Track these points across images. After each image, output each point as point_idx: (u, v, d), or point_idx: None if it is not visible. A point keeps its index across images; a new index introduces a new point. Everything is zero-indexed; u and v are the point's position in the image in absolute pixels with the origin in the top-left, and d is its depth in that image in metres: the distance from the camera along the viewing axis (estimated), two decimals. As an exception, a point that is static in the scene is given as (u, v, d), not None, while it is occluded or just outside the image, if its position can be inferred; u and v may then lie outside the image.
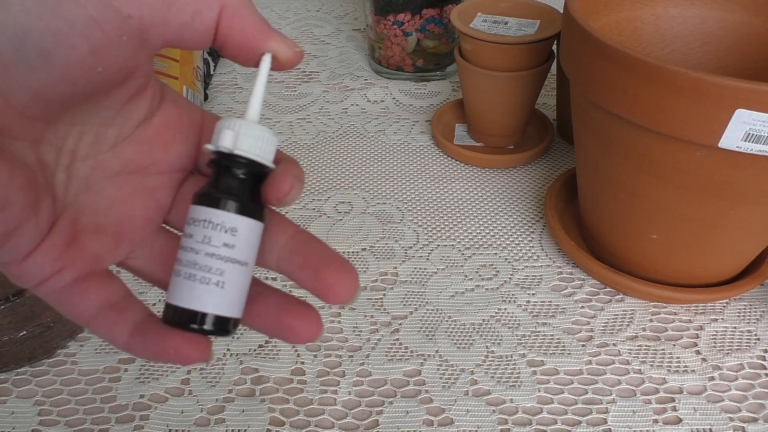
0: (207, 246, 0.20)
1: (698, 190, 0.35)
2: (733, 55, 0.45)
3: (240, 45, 0.21)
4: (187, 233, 0.21)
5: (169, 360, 0.21)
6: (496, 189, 0.55)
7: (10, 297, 0.36)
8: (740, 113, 0.30)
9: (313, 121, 0.64)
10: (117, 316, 0.22)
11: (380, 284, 0.45)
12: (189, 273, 0.21)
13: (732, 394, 0.38)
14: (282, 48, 0.21)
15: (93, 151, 0.21)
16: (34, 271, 0.20)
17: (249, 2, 0.21)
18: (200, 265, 0.20)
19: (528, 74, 0.52)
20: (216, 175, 0.21)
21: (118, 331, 0.21)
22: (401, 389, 0.38)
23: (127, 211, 0.22)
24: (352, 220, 0.51)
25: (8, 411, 0.37)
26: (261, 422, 0.36)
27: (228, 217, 0.21)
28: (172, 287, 0.21)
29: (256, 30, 0.21)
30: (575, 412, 0.37)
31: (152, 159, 0.23)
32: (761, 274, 0.42)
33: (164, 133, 0.23)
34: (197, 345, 0.21)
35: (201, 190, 0.22)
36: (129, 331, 0.21)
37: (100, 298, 0.21)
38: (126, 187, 0.22)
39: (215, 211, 0.21)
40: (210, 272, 0.20)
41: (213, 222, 0.21)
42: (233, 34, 0.20)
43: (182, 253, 0.21)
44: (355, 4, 0.89)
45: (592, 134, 0.39)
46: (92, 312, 0.21)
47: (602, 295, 0.44)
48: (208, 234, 0.21)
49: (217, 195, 0.21)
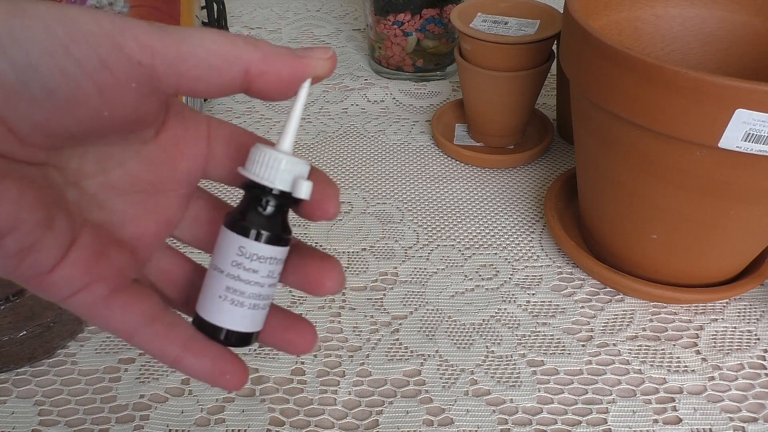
0: (270, 279, 0.22)
1: (698, 190, 0.35)
2: (733, 55, 0.45)
3: (278, 90, 0.20)
4: (247, 267, 0.22)
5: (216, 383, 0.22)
6: (496, 189, 0.55)
7: (10, 297, 0.36)
8: (740, 113, 0.30)
9: (313, 121, 0.64)
10: (167, 331, 0.22)
11: (380, 284, 0.45)
12: (254, 303, 0.22)
13: (732, 394, 0.38)
14: (320, 66, 0.21)
15: (100, 169, 0.21)
16: (62, 285, 0.20)
17: (273, 48, 0.20)
18: (263, 295, 0.22)
19: (528, 74, 0.52)
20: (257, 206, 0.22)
21: (171, 347, 0.22)
22: (401, 389, 0.38)
23: (140, 230, 0.22)
24: (352, 220, 0.51)
25: (8, 411, 0.37)
26: (261, 422, 0.36)
27: (284, 251, 0.22)
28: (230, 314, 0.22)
29: (292, 69, 0.20)
30: (575, 412, 0.37)
31: (161, 177, 0.23)
32: (761, 274, 0.42)
33: (171, 150, 0.23)
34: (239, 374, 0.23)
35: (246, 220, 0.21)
36: (181, 346, 0.22)
37: (143, 311, 0.21)
38: (138, 206, 0.22)
39: (281, 249, 0.22)
40: (268, 299, 0.23)
41: (277, 258, 0.22)
42: (268, 83, 0.20)
43: (243, 285, 0.22)
44: (355, 4, 0.89)
45: (592, 134, 0.39)
46: (135, 325, 0.21)
47: (602, 295, 0.44)
48: (273, 269, 0.22)
49: (285, 234, 0.22)
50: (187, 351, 0.22)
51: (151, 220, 0.23)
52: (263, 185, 0.21)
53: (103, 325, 0.21)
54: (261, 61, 0.19)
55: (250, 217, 0.21)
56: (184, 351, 0.22)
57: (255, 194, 0.21)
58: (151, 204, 0.23)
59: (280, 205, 0.22)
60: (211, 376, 0.22)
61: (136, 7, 0.59)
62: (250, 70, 0.19)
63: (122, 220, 0.22)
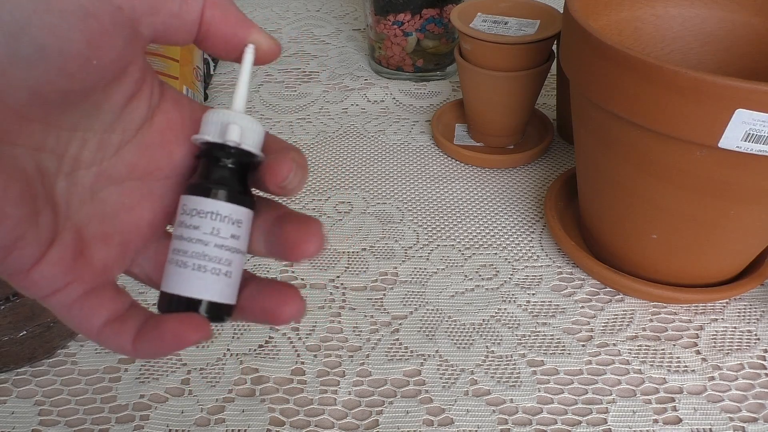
0: (216, 238, 0.21)
1: (698, 190, 0.35)
2: (733, 55, 0.45)
3: (222, 36, 0.21)
4: (188, 224, 0.21)
5: (170, 346, 0.21)
6: (496, 189, 0.55)
7: (10, 297, 0.36)
8: (740, 113, 0.30)
9: (313, 121, 0.64)
10: (121, 325, 0.21)
11: (380, 284, 0.45)
12: (198, 264, 0.21)
13: (732, 394, 0.38)
14: (264, 39, 0.22)
15: (97, 158, 0.21)
16: (42, 283, 0.20)
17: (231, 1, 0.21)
18: (210, 256, 0.21)
19: (528, 74, 0.52)
20: (211, 166, 0.22)
21: (124, 340, 0.21)
22: (401, 389, 0.38)
23: (134, 219, 0.22)
24: (352, 220, 0.51)
25: (8, 411, 0.37)
26: (261, 422, 0.36)
27: (235, 210, 0.21)
28: (174, 277, 0.21)
29: (238, 21, 0.21)
30: (575, 412, 0.37)
31: (157, 163, 0.22)
32: (761, 274, 0.42)
33: (167, 134, 0.23)
34: (193, 324, 0.20)
35: (196, 180, 0.22)
36: (132, 337, 0.21)
37: (110, 312, 0.21)
38: (133, 194, 0.22)
39: (223, 203, 0.21)
40: (220, 263, 0.21)
41: (221, 214, 0.21)
42: (215, 24, 0.21)
43: (186, 243, 0.21)
44: (355, 4, 0.89)
45: (592, 134, 0.39)
46: (100, 326, 0.21)
47: (602, 295, 0.44)
48: (217, 225, 0.21)
49: (224, 187, 0.21)
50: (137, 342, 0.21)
51: (146, 209, 0.22)
52: (197, 139, 0.22)
53: (74, 326, 0.21)
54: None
55: (194, 177, 0.22)
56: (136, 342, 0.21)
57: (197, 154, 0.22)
58: (146, 191, 0.22)
59: (215, 157, 0.21)
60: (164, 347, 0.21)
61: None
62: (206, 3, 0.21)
63: (115, 210, 0.22)
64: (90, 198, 0.21)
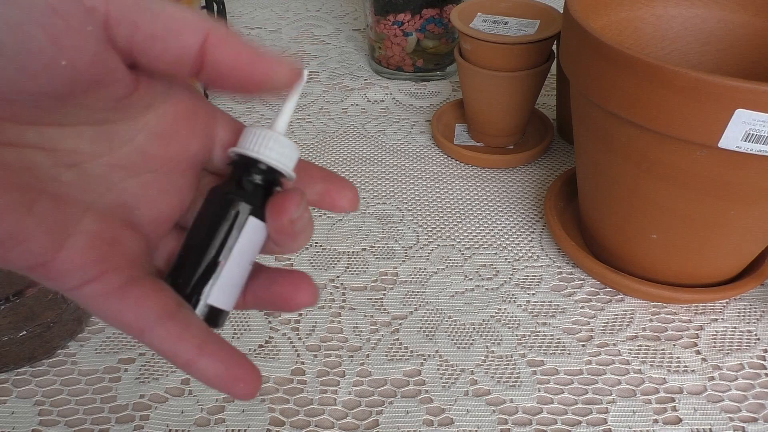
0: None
1: (698, 190, 0.35)
2: (733, 55, 0.45)
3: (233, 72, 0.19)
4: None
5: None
6: (496, 189, 0.55)
7: (10, 297, 0.36)
8: (740, 113, 0.30)
9: (313, 121, 0.64)
10: (181, 329, 0.20)
11: (380, 284, 0.45)
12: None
13: (732, 394, 0.38)
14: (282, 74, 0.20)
15: (104, 149, 0.20)
16: (70, 274, 0.19)
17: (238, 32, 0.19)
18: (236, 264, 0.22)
19: (528, 74, 0.52)
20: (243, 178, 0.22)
21: (183, 347, 0.20)
22: (401, 389, 0.38)
23: (155, 213, 0.21)
24: (352, 220, 0.51)
25: (8, 411, 0.37)
26: (261, 422, 0.36)
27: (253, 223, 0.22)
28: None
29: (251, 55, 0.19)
30: (575, 412, 0.37)
31: (173, 154, 0.21)
32: (761, 274, 0.42)
33: (184, 124, 0.21)
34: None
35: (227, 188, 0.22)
36: (195, 347, 0.20)
37: (157, 306, 0.20)
38: (152, 187, 0.21)
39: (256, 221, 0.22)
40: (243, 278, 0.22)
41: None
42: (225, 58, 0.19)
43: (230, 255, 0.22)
44: (355, 4, 0.89)
45: (592, 134, 0.39)
46: (149, 321, 0.20)
47: (602, 295, 0.44)
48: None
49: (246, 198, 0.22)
50: (201, 354, 0.20)
51: (165, 203, 0.22)
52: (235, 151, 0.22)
53: (113, 319, 0.20)
54: (223, 34, 0.18)
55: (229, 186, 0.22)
56: (198, 354, 0.20)
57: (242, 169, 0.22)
58: (165, 184, 0.21)
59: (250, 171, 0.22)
60: (224, 382, 0.20)
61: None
62: (209, 39, 0.18)
63: (136, 203, 0.21)
64: (108, 188, 0.20)
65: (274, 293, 0.22)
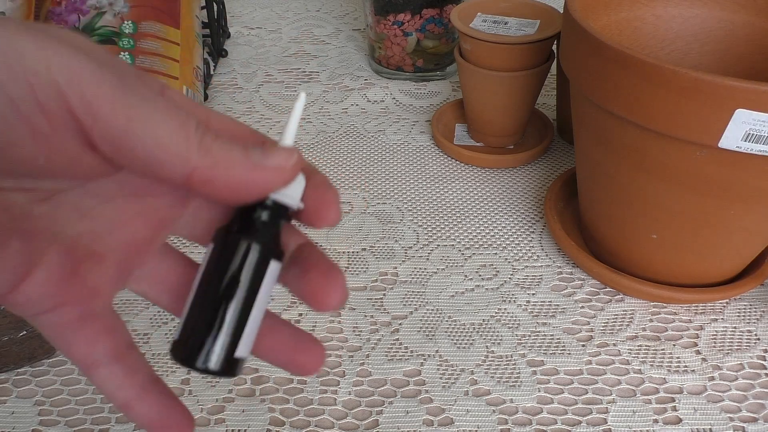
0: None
1: (698, 190, 0.35)
2: (733, 55, 0.45)
3: (223, 196, 0.19)
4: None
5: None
6: (496, 189, 0.55)
7: (10, 297, 0.36)
8: (740, 113, 0.30)
9: (313, 121, 0.64)
10: (125, 374, 0.20)
11: (380, 284, 0.45)
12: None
13: (732, 394, 0.38)
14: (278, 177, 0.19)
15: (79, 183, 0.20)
16: (27, 305, 0.19)
17: (227, 154, 0.18)
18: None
19: (528, 74, 0.52)
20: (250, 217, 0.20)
21: (122, 391, 0.21)
22: (401, 389, 0.38)
23: (129, 236, 0.21)
24: (352, 220, 0.51)
25: (8, 411, 0.37)
26: (261, 422, 0.36)
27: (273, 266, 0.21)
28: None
29: (243, 179, 0.19)
30: (575, 412, 0.37)
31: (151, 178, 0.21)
32: (761, 274, 0.42)
33: None
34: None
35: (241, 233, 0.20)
36: (135, 392, 0.21)
37: (108, 347, 0.20)
38: (126, 210, 0.21)
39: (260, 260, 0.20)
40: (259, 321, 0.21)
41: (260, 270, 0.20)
42: (214, 189, 0.18)
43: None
44: (355, 4, 0.89)
45: (592, 134, 0.39)
46: (96, 361, 0.20)
47: (602, 295, 0.44)
48: None
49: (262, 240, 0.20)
50: (140, 400, 0.21)
51: (141, 224, 0.21)
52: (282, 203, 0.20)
53: (64, 351, 0.20)
54: (209, 168, 0.18)
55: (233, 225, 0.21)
56: (137, 399, 0.21)
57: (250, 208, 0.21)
58: (141, 206, 0.21)
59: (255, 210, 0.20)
60: (155, 429, 0.21)
61: (136, 7, 0.59)
62: (193, 176, 0.18)
63: (109, 228, 0.20)
64: (80, 216, 0.20)
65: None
